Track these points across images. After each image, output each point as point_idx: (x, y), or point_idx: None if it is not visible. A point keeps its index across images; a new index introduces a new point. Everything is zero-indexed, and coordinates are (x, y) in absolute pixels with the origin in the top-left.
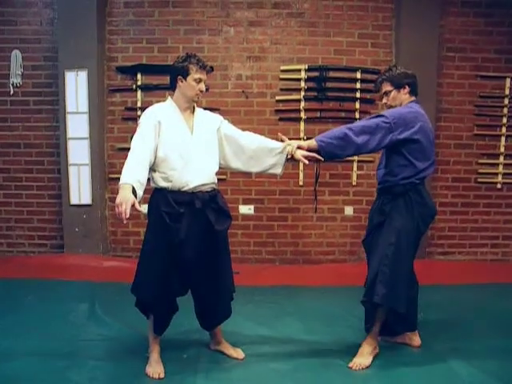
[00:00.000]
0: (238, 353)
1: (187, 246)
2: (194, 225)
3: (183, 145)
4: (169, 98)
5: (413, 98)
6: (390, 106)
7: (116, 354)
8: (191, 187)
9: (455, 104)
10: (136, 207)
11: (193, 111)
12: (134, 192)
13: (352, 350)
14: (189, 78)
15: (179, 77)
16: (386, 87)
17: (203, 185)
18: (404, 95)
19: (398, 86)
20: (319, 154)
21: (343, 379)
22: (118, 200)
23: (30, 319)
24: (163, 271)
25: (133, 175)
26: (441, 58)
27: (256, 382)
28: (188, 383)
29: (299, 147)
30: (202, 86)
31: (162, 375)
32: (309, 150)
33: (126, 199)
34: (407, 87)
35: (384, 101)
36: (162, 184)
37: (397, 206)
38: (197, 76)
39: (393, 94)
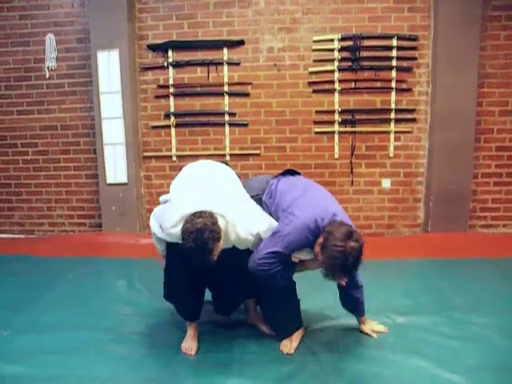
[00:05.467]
0: (270, 329)
1: None
2: None
3: None
4: None
5: None
6: None
7: (155, 329)
8: None
9: (500, 68)
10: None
11: None
12: None
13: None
14: None
15: None
16: None
17: None
18: None
19: None
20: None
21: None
22: None
23: (72, 295)
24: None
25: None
26: (485, 19)
27: (292, 358)
28: (223, 359)
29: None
30: None
31: (194, 352)
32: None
33: None
34: None
35: None
36: None
37: None
38: None
39: None
